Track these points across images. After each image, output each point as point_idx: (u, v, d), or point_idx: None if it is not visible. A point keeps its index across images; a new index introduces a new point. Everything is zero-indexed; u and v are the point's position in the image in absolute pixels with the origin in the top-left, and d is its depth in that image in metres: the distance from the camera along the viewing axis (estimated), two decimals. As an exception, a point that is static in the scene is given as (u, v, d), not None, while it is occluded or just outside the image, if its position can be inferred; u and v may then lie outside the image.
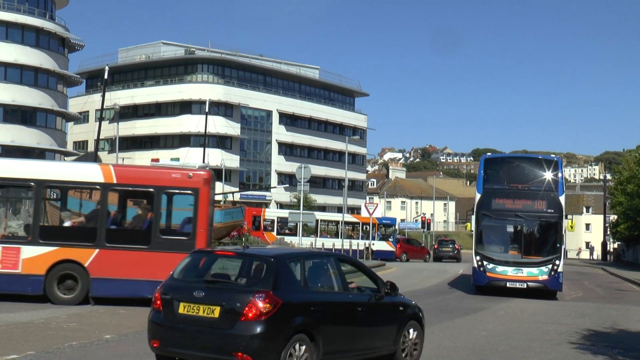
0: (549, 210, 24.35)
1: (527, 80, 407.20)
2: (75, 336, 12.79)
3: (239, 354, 8.86)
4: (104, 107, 39.82)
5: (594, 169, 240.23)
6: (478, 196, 25.07)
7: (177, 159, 39.20)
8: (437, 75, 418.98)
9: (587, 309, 22.40)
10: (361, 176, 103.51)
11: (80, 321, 14.76)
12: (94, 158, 42.92)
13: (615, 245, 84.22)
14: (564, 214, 24.47)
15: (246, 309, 8.96)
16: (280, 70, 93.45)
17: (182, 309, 9.30)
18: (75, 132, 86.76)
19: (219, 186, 70.83)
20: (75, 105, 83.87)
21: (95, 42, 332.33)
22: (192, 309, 9.23)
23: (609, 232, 77.10)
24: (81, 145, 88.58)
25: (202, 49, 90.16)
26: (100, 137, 40.99)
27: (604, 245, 78.63)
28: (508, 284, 24.25)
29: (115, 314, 16.20)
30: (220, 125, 76.46)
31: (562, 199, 24.49)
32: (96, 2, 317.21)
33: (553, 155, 26.13)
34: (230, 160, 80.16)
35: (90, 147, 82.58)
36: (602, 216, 79.90)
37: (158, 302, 9.62)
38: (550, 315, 20.04)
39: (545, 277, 23.99)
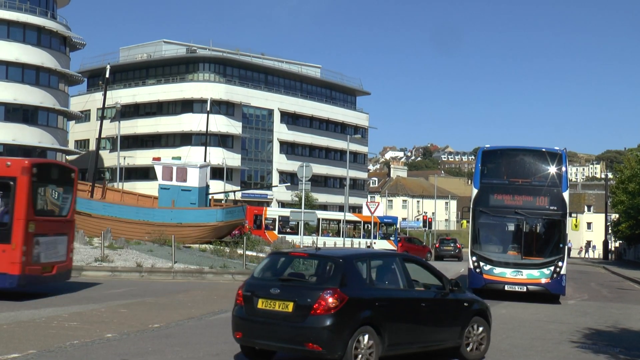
0: (552, 207, 22.43)
1: (529, 78, 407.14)
2: (76, 335, 12.79)
3: (310, 344, 9.89)
4: (106, 105, 39.78)
5: (596, 167, 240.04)
6: (475, 191, 23.22)
7: (179, 158, 39.16)
8: (438, 73, 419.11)
9: (589, 307, 22.38)
10: (362, 175, 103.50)
11: (81, 320, 14.77)
12: (95, 157, 42.91)
13: (617, 244, 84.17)
14: (567, 211, 22.47)
15: (316, 304, 9.95)
16: (281, 69, 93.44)
17: (261, 304, 10.40)
18: (76, 131, 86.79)
19: (220, 185, 70.88)
20: (76, 104, 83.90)
21: (97, 40, 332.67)
22: (269, 304, 10.31)
23: (610, 231, 77.05)
24: (83, 144, 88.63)
25: (203, 48, 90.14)
26: (102, 136, 40.96)
27: (605, 244, 78.57)
28: (506, 287, 22.34)
29: (117, 312, 16.21)
30: (221, 124, 76.48)
31: (566, 195, 22.55)
32: (98, 0, 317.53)
33: (557, 148, 23.46)
34: (231, 159, 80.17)
35: (92, 146, 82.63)
36: (603, 215, 79.82)
37: (240, 298, 10.77)
38: (552, 314, 20.01)
39: (546, 279, 22.10)
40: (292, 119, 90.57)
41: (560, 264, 22.07)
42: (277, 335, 10.18)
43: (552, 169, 22.95)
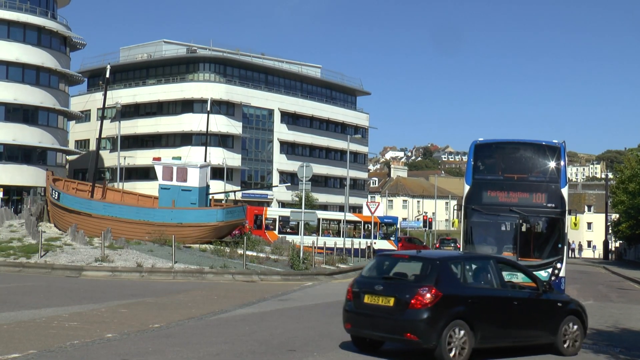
0: (550, 205, 20.89)
1: (529, 78, 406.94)
2: (76, 335, 12.79)
3: (408, 334, 11.42)
4: (106, 105, 39.75)
5: (596, 167, 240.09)
6: (467, 188, 21.71)
7: (179, 158, 39.13)
8: (438, 73, 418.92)
9: (589, 307, 22.31)
10: (363, 175, 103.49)
11: (81, 320, 14.77)
12: (95, 157, 42.91)
13: (617, 244, 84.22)
14: (567, 209, 20.94)
15: (414, 299, 11.45)
16: (281, 69, 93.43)
17: (367, 299, 12.05)
18: (77, 131, 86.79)
19: (221, 185, 70.90)
20: (77, 104, 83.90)
21: (97, 40, 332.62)
22: (374, 299, 11.94)
23: (610, 231, 77.07)
24: (83, 144, 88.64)
25: (203, 48, 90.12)
26: (102, 136, 40.93)
27: (605, 244, 78.62)
28: None
29: (117, 312, 16.21)
30: (222, 124, 76.46)
31: (564, 191, 21.04)
32: (98, 1, 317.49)
33: (555, 141, 21.91)
34: (232, 159, 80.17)
35: (92, 146, 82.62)
36: (603, 215, 79.85)
37: (350, 294, 12.46)
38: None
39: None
40: (292, 119, 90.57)
41: (559, 265, 20.48)
42: (380, 326, 11.77)
43: (550, 164, 21.49)
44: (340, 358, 11.93)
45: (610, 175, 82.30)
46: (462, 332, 11.56)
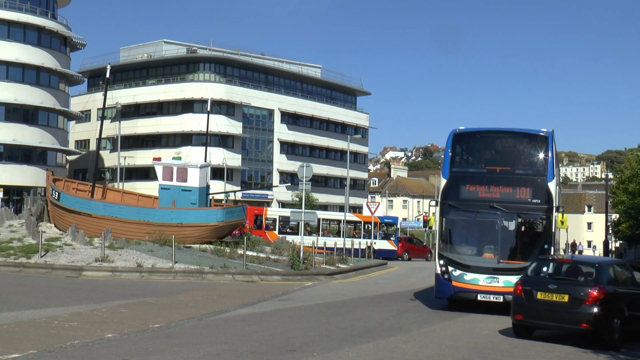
0: (535, 201, 18.84)
1: (529, 78, 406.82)
2: (77, 335, 12.80)
3: (584, 324, 14.12)
4: (106, 106, 39.74)
5: (596, 167, 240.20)
6: (443, 182, 19.72)
7: (179, 158, 39.12)
8: (438, 73, 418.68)
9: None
10: (363, 175, 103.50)
11: (81, 320, 14.77)
12: (96, 157, 42.90)
13: (617, 244, 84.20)
14: (554, 205, 18.79)
15: (587, 296, 14.22)
16: (282, 69, 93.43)
17: (540, 295, 14.71)
18: (77, 131, 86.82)
19: (221, 185, 70.90)
20: (77, 104, 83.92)
21: (97, 40, 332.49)
22: (547, 295, 14.61)
23: (610, 231, 77.07)
24: (83, 144, 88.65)
25: (204, 48, 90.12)
26: (102, 136, 40.93)
27: (605, 244, 78.59)
28: (479, 297, 18.76)
29: (117, 313, 16.21)
30: (222, 124, 76.47)
31: (552, 185, 18.95)
32: (98, 1, 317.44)
33: (544, 130, 19.78)
34: (232, 159, 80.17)
35: (92, 146, 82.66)
36: (603, 215, 79.84)
37: (519, 290, 15.13)
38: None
39: None
40: (292, 119, 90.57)
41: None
42: (555, 318, 14.48)
43: (537, 155, 19.54)
44: (340, 358, 11.93)
45: (610, 176, 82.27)
46: (619, 321, 14.36)
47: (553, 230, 18.81)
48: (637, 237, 61.88)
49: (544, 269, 15.83)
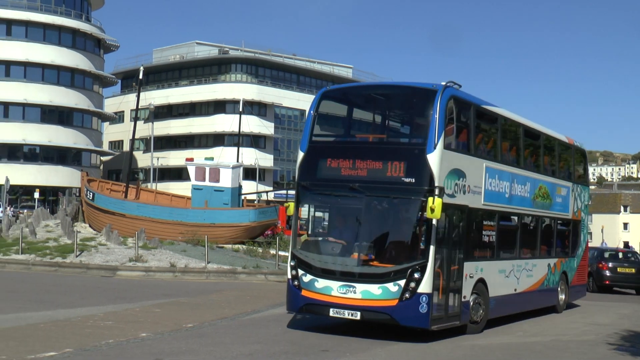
0: (408, 180, 13.31)
1: (556, 77, 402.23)
2: (111, 334, 12.91)
3: None
4: (139, 107, 40.10)
5: (632, 167, 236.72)
6: (301, 156, 14.67)
7: (212, 158, 39.31)
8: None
9: (625, 309, 22.06)
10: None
11: (116, 319, 14.90)
12: (129, 158, 43.32)
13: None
14: (436, 185, 13.13)
15: None
16: (313, 69, 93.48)
17: (619, 269, 28.72)
18: (110, 132, 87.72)
19: (253, 185, 71.14)
20: (110, 105, 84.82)
21: (131, 42, 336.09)
22: (623, 269, 28.82)
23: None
24: (116, 144, 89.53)
25: (235, 49, 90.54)
26: (135, 137, 41.29)
27: (642, 244, 77.48)
28: (332, 312, 13.56)
29: (151, 312, 16.33)
30: (254, 124, 76.73)
31: (433, 158, 13.22)
32: (131, 2, 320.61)
33: (442, 83, 13.98)
34: (264, 159, 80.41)
35: (126, 147, 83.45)
36: (640, 215, 78.59)
37: (605, 268, 28.43)
38: (588, 315, 19.76)
39: (392, 300, 13.05)
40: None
41: (416, 275, 13.01)
42: (629, 282, 28.81)
43: (419, 117, 14.55)
44: (373, 358, 11.89)
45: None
46: None
47: (434, 222, 13.12)
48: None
49: (615, 254, 28.94)
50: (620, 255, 30.61)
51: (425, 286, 12.96)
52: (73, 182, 64.48)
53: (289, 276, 14.28)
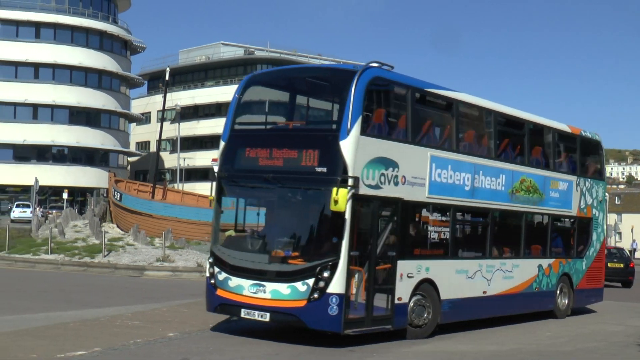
0: (320, 169, 12.30)
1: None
2: (139, 334, 13.00)
3: (630, 277, 31.47)
4: (166, 107, 40.39)
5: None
6: (222, 146, 13.83)
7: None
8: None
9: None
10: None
11: (144, 319, 15.00)
12: (156, 158, 43.62)
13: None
14: (350, 174, 12.01)
15: (631, 264, 31.79)
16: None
17: (609, 265, 27.81)
18: (137, 133, 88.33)
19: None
20: (137, 106, 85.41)
21: (157, 44, 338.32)
22: (613, 265, 30.16)
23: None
24: (143, 145, 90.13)
25: (261, 49, 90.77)
26: (162, 138, 41.63)
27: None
28: (243, 313, 12.68)
29: (178, 312, 16.42)
30: (279, 124, 76.77)
31: (347, 145, 12.12)
32: (157, 4, 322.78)
33: (363, 64, 13.08)
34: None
35: (153, 148, 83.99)
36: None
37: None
38: (617, 317, 19.52)
39: (300, 301, 12.05)
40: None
41: (326, 274, 11.90)
42: (617, 276, 30.89)
43: (335, 101, 13.69)
44: (400, 358, 11.85)
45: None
46: None
47: (347, 216, 11.91)
48: None
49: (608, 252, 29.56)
50: (609, 252, 32.83)
51: (335, 286, 11.79)
52: (101, 182, 65.10)
53: (207, 274, 13.56)
